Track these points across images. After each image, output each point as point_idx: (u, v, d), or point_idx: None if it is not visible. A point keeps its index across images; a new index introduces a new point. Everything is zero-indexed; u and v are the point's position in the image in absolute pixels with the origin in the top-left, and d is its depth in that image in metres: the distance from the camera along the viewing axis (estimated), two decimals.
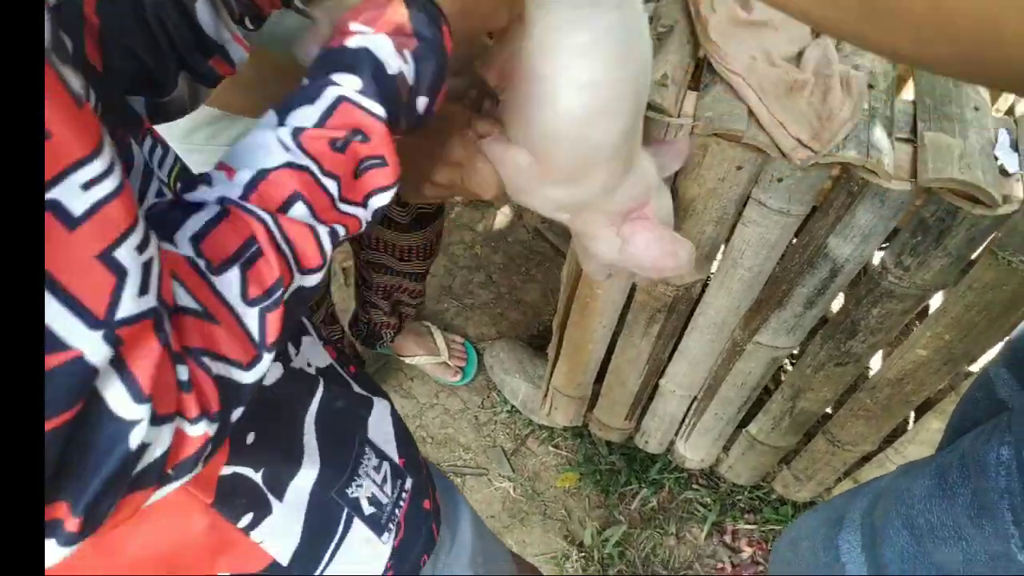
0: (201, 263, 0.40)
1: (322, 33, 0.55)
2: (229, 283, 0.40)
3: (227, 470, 0.54)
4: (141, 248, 0.35)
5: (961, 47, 0.28)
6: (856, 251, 1.02)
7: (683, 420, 1.55)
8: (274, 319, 0.42)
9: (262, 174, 0.43)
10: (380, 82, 0.47)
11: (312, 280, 0.45)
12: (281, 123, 0.45)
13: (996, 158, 0.94)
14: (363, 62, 0.47)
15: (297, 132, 0.45)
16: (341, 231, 0.47)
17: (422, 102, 0.51)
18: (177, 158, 0.58)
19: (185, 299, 0.39)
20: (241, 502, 0.56)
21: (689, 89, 0.96)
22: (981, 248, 0.97)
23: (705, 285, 1.21)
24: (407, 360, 1.93)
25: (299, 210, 0.44)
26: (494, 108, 0.72)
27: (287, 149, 0.44)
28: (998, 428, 0.73)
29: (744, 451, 1.56)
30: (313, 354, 0.67)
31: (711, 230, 1.05)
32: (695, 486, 1.75)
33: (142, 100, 0.58)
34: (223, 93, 0.87)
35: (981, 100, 0.99)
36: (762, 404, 1.44)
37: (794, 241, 1.09)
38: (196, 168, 0.99)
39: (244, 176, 0.43)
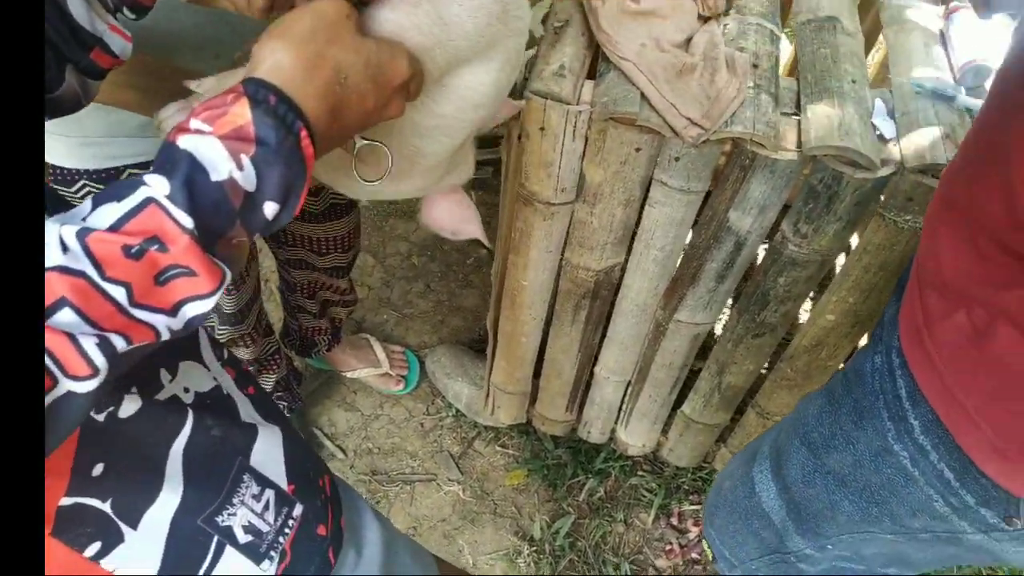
0: None
1: (189, 107, 0.55)
2: None
3: (68, 500, 0.53)
4: None
5: None
6: (755, 223, 1.07)
7: (620, 406, 1.60)
8: None
9: None
10: (196, 189, 0.45)
11: (85, 386, 0.42)
12: (85, 218, 0.44)
13: (874, 127, 1.01)
14: (180, 166, 0.45)
15: (84, 232, 0.42)
16: (119, 341, 0.44)
17: (270, 207, 0.48)
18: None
19: None
20: (86, 531, 0.55)
21: (587, 79, 1.01)
22: (872, 215, 1.04)
23: (624, 269, 1.26)
24: (348, 375, 1.94)
25: (65, 316, 0.41)
26: None
27: (65, 250, 0.42)
28: (871, 339, 0.81)
29: (681, 432, 1.61)
30: (193, 379, 0.67)
31: (621, 213, 1.10)
32: (640, 472, 1.79)
33: None
34: (105, 88, 0.88)
35: (859, 74, 1.07)
36: (692, 384, 1.50)
37: (698, 219, 1.14)
38: (91, 161, 0.96)
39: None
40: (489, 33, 0.60)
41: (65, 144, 0.98)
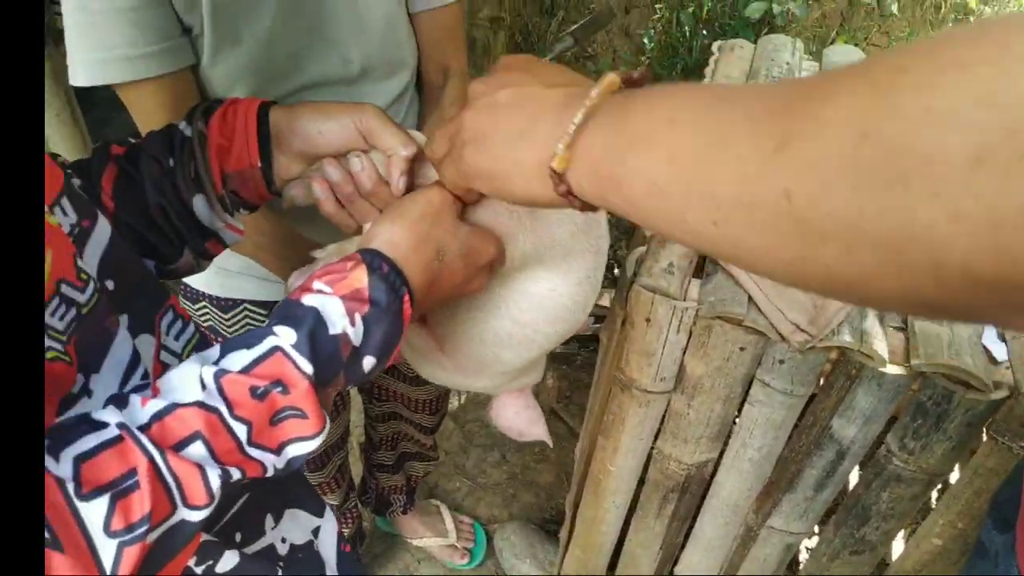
0: (70, 487, 0.41)
1: (313, 271, 0.63)
2: (94, 511, 0.41)
3: None
4: None
5: (885, 253, 0.29)
6: (860, 433, 1.05)
7: None
8: (132, 553, 0.42)
9: (170, 408, 0.46)
10: (317, 341, 0.50)
11: (198, 516, 0.46)
12: (216, 361, 0.49)
13: (985, 348, 0.99)
14: (306, 319, 0.51)
15: (221, 374, 0.47)
16: (236, 474, 0.47)
17: (368, 361, 0.54)
18: (195, 333, 0.64)
19: None
20: None
21: (693, 277, 1.05)
22: (984, 436, 1.01)
23: (717, 466, 1.23)
24: (414, 542, 1.90)
25: (196, 449, 0.45)
26: None
27: (204, 388, 0.47)
28: (968, 564, 0.75)
29: None
30: (293, 529, 0.69)
31: (720, 408, 1.10)
32: None
33: (152, 263, 0.67)
34: (247, 245, 0.97)
35: None
36: None
37: (799, 423, 1.12)
38: (218, 288, 1.02)
39: (155, 406, 0.46)
40: (572, 244, 0.65)
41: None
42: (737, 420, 1.14)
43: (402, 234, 0.57)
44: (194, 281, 1.12)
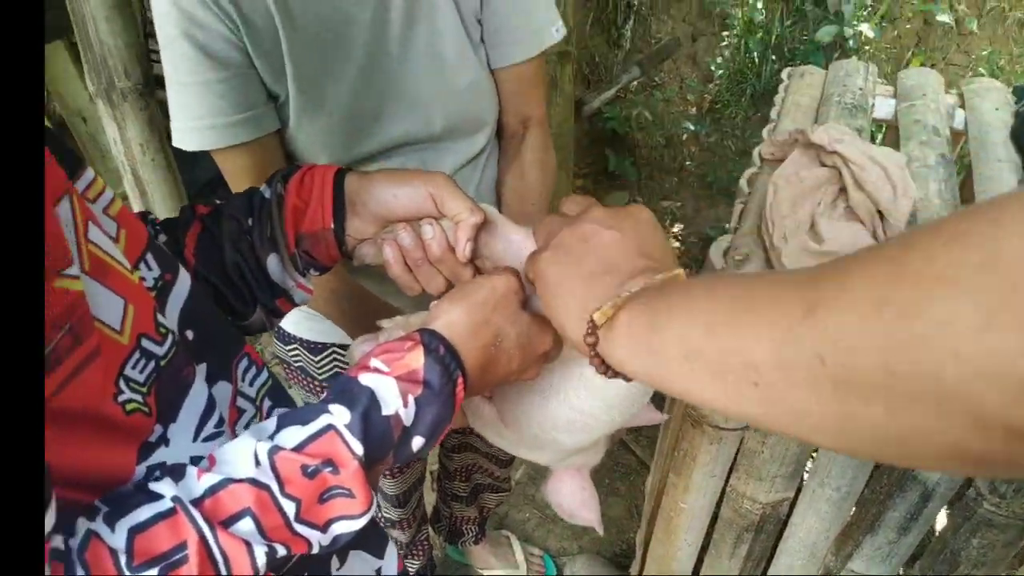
0: (123, 558, 0.42)
1: (378, 341, 0.64)
2: None
3: None
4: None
5: (924, 406, 0.30)
6: (945, 475, 1.00)
7: None
8: None
9: (224, 483, 0.46)
10: (369, 422, 0.51)
11: None
12: (271, 436, 0.50)
13: None
14: (361, 399, 0.51)
15: (275, 451, 0.48)
16: (281, 551, 0.48)
17: (418, 441, 0.54)
18: (269, 377, 0.66)
19: None
20: None
21: None
22: None
23: (793, 505, 1.19)
24: (485, 573, 1.90)
25: (245, 525, 0.46)
26: None
27: (257, 464, 0.48)
28: None
29: None
30: (357, 570, 0.70)
31: (795, 447, 1.07)
32: None
33: (227, 319, 0.70)
34: (319, 299, 1.01)
35: None
36: None
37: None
38: (307, 332, 1.07)
39: (209, 480, 0.46)
40: None
41: (295, 314, 1.14)
42: (813, 458, 1.10)
43: (462, 317, 0.57)
44: (288, 325, 1.17)
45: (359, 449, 0.50)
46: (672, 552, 1.33)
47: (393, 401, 0.52)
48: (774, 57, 3.22)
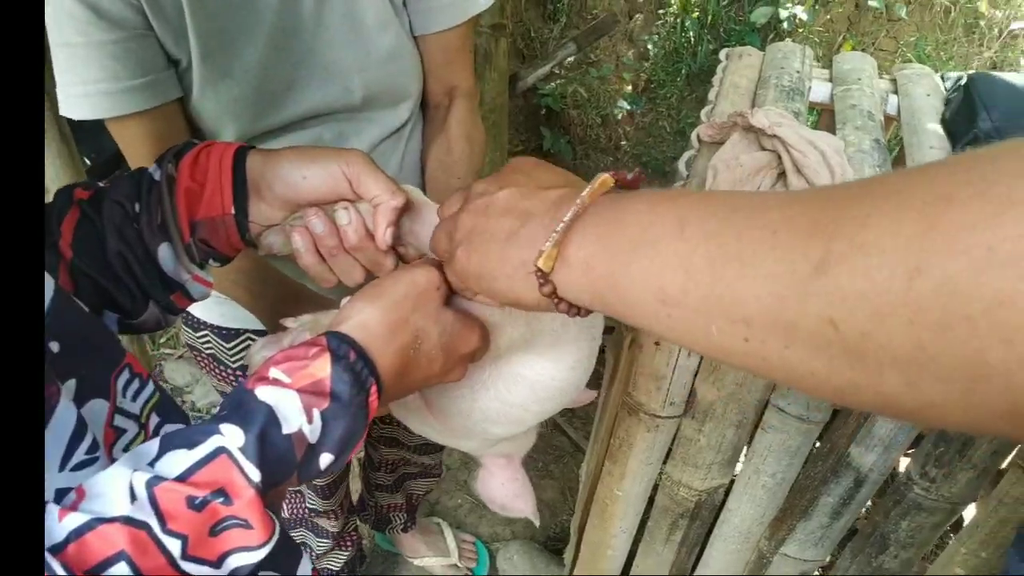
0: None
1: (282, 346, 0.57)
2: None
3: None
4: None
5: (952, 385, 0.27)
6: (879, 460, 1.00)
7: None
8: None
9: (91, 524, 0.40)
10: (267, 443, 0.45)
11: None
12: (152, 462, 0.44)
13: None
14: (257, 418, 0.45)
15: (154, 481, 0.42)
16: None
17: (326, 459, 0.49)
18: (155, 390, 0.59)
19: None
20: None
21: None
22: (1008, 460, 0.96)
23: (728, 491, 1.18)
24: (415, 562, 1.85)
25: (118, 571, 0.40)
26: None
27: (133, 499, 0.42)
28: None
29: None
30: None
31: (731, 434, 1.05)
32: None
33: (115, 317, 0.62)
34: (221, 280, 0.92)
35: None
36: None
37: (815, 449, 1.08)
38: (218, 318, 0.99)
39: (74, 521, 0.40)
40: (563, 331, 0.60)
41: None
42: (749, 446, 1.09)
43: (377, 317, 0.51)
44: (197, 310, 1.08)
45: (255, 475, 0.44)
46: (607, 539, 1.31)
47: (295, 417, 0.46)
48: (710, 37, 3.22)
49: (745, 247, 0.33)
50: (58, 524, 0.39)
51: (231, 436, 0.44)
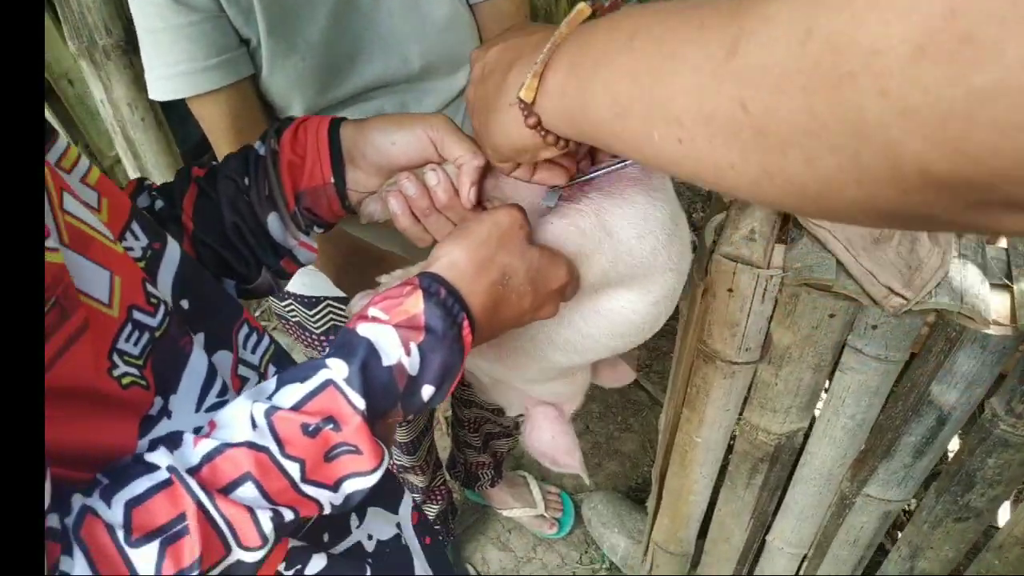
0: (121, 533, 0.41)
1: (375, 294, 0.62)
2: (144, 557, 0.41)
3: None
4: None
5: (843, 155, 0.28)
6: (962, 398, 1.00)
7: None
8: None
9: (220, 449, 0.45)
10: (370, 373, 0.49)
11: (254, 556, 0.45)
12: (270, 396, 0.48)
13: None
14: (359, 351, 0.49)
15: (271, 411, 0.46)
16: (288, 514, 0.46)
17: (427, 390, 0.52)
18: (271, 343, 0.65)
19: (81, 568, 0.39)
20: None
21: (777, 243, 1.01)
22: None
23: (808, 434, 1.20)
24: (504, 513, 1.93)
25: (247, 491, 0.45)
26: None
27: (254, 427, 0.46)
28: None
29: None
30: (377, 526, 0.69)
31: (809, 377, 1.06)
32: None
33: (232, 283, 0.68)
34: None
35: None
36: (879, 565, 1.36)
37: (896, 388, 1.08)
38: (299, 287, 1.09)
39: (206, 447, 0.45)
40: (652, 261, 0.61)
41: None
42: (828, 388, 1.10)
43: (464, 256, 0.54)
44: None
45: (360, 403, 0.48)
46: (688, 485, 1.34)
47: (394, 350, 0.50)
48: None
49: (678, 46, 0.35)
50: (192, 450, 0.45)
51: (337, 369, 0.49)
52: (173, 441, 0.47)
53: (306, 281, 1.13)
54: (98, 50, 1.44)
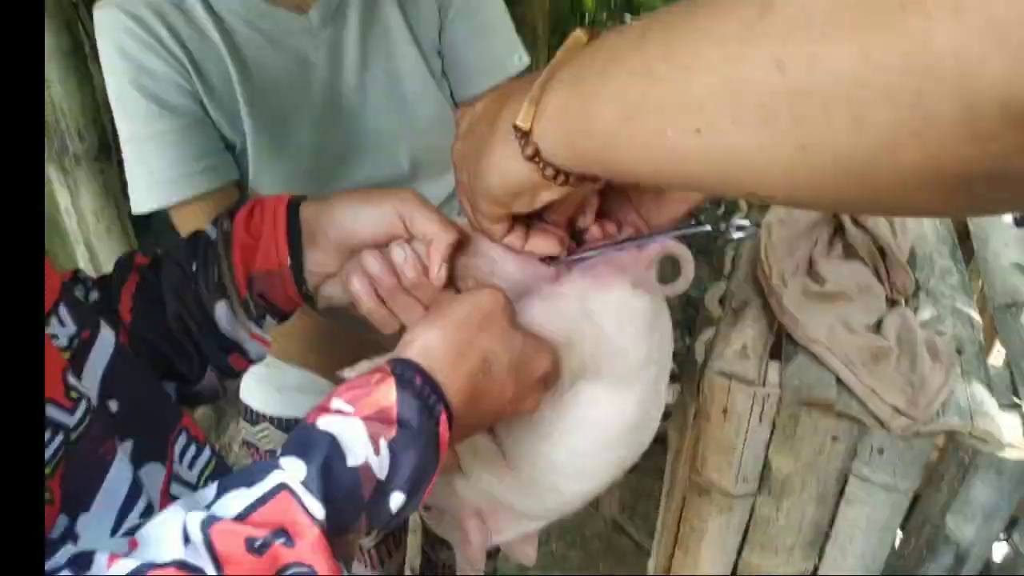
0: None
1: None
2: None
3: None
4: None
5: (899, 103, 0.25)
6: (981, 532, 0.91)
7: None
8: None
9: (140, 571, 0.36)
10: (331, 475, 0.41)
11: None
12: (209, 504, 0.40)
13: None
14: (318, 448, 0.41)
15: (209, 522, 0.38)
16: None
17: (397, 498, 0.44)
18: (211, 457, 0.56)
19: None
20: None
21: (771, 359, 0.95)
22: None
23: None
24: None
25: None
26: None
27: (187, 542, 0.38)
28: None
29: None
30: None
31: (812, 511, 0.97)
32: None
33: (173, 386, 0.60)
34: (293, 347, 0.90)
35: None
36: None
37: (907, 523, 0.99)
38: (279, 407, 0.97)
39: (122, 569, 0.36)
40: (633, 353, 0.57)
41: (262, 389, 1.04)
42: (833, 523, 1.01)
43: (442, 339, 0.48)
44: (254, 402, 1.07)
45: (319, 512, 0.40)
46: None
47: (361, 448, 0.42)
48: (725, 223, 3.27)
49: (701, 22, 0.32)
50: (106, 571, 0.36)
51: (292, 469, 0.40)
52: (80, 564, 0.37)
53: (285, 400, 1.04)
54: (68, 156, 1.40)
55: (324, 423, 0.43)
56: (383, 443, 0.43)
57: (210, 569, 0.37)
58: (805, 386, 0.88)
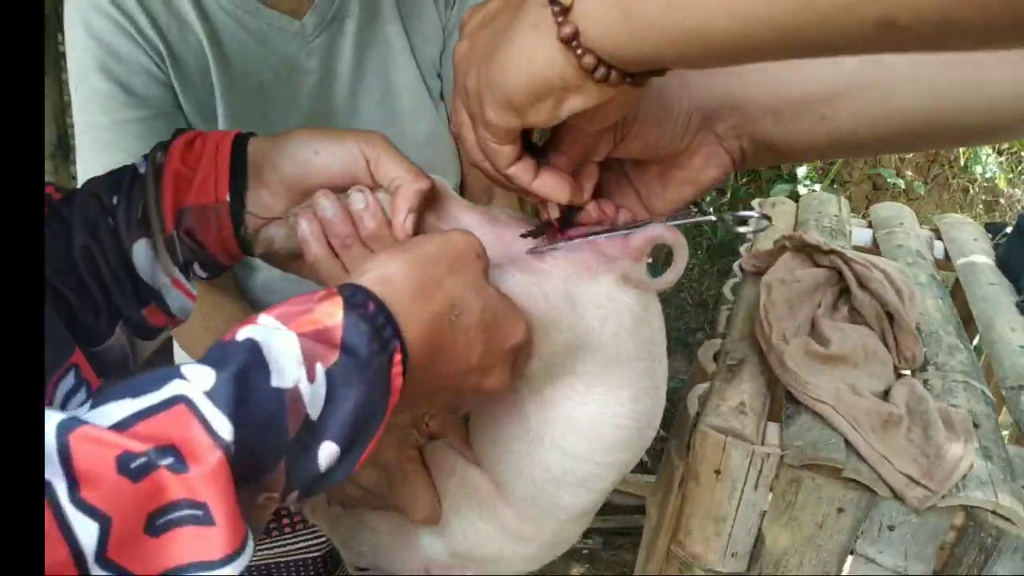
0: None
1: None
2: None
3: None
4: None
5: None
6: None
7: None
8: None
9: None
10: (247, 388, 0.32)
11: None
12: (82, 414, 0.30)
13: None
14: (235, 356, 0.32)
15: (69, 425, 0.28)
16: None
17: (327, 450, 0.34)
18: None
19: None
20: None
21: (769, 421, 0.87)
22: None
23: None
24: None
25: None
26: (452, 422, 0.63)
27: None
28: None
29: None
30: None
31: None
32: None
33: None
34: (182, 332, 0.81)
35: None
36: None
37: None
38: None
39: None
40: (616, 349, 0.52)
41: None
42: None
43: (405, 272, 0.39)
44: None
45: (226, 430, 0.30)
46: None
47: (291, 367, 0.33)
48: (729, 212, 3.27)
49: None
50: None
51: (196, 378, 0.31)
52: None
53: None
54: None
55: (246, 331, 0.33)
56: (319, 369, 0.34)
57: (61, 487, 0.26)
58: (809, 446, 0.79)
